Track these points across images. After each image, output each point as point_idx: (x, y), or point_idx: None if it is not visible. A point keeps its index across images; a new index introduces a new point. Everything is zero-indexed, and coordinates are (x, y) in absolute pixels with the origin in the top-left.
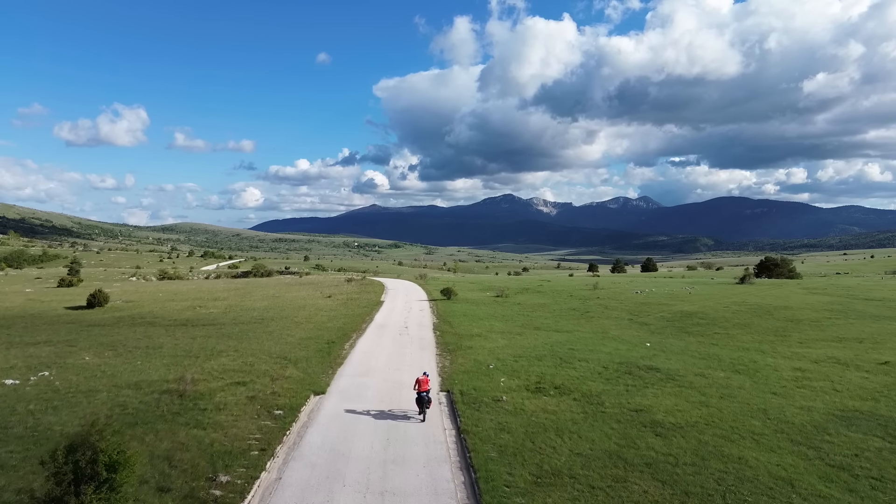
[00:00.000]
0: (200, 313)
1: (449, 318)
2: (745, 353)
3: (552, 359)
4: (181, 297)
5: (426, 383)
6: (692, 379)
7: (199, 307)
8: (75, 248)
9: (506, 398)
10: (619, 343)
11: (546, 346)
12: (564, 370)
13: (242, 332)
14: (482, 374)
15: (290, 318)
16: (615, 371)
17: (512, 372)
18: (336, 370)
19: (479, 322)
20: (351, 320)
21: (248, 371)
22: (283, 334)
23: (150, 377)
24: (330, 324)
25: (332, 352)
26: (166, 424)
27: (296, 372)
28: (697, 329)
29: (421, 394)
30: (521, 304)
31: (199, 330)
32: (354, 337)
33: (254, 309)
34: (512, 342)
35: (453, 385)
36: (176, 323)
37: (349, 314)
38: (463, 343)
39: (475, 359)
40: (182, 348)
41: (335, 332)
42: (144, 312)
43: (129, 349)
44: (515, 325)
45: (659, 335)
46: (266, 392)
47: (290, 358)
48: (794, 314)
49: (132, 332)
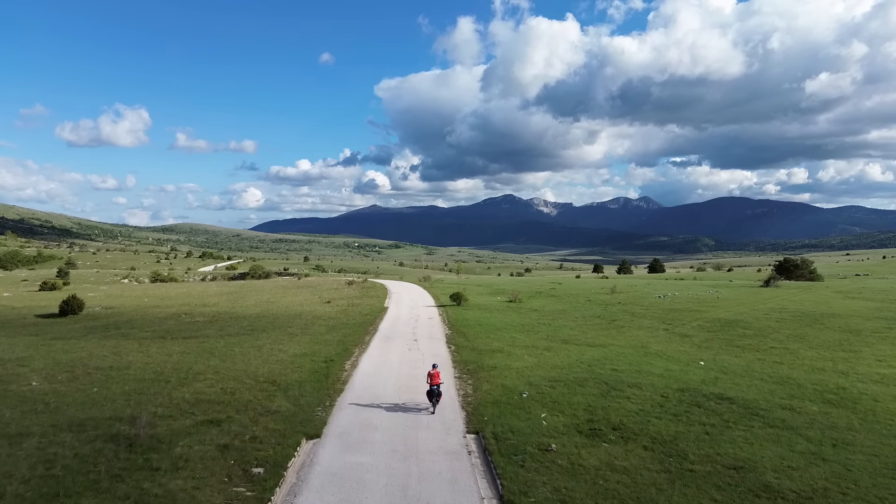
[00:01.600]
0: (184, 322)
1: (462, 328)
2: (823, 374)
3: (596, 384)
4: (168, 302)
5: (437, 376)
6: (781, 415)
7: (184, 314)
8: (73, 248)
9: (555, 446)
10: (666, 361)
11: (582, 365)
12: (616, 401)
13: (228, 348)
14: (516, 406)
15: (283, 329)
16: (679, 402)
17: (552, 404)
18: (335, 399)
19: (497, 334)
20: (352, 331)
21: (227, 402)
22: (274, 350)
23: (101, 412)
24: (329, 336)
25: (331, 373)
26: (96, 500)
27: (285, 403)
28: (748, 342)
29: (432, 387)
30: (539, 310)
31: (177, 344)
32: (357, 353)
33: (244, 317)
34: (541, 360)
35: (483, 424)
36: (154, 335)
37: (350, 323)
38: (484, 361)
39: (502, 384)
40: (153, 369)
41: (334, 347)
42: (122, 322)
43: (88, 370)
44: (539, 337)
45: (707, 349)
46: (245, 437)
47: (280, 383)
48: (847, 323)
49: (100, 347)
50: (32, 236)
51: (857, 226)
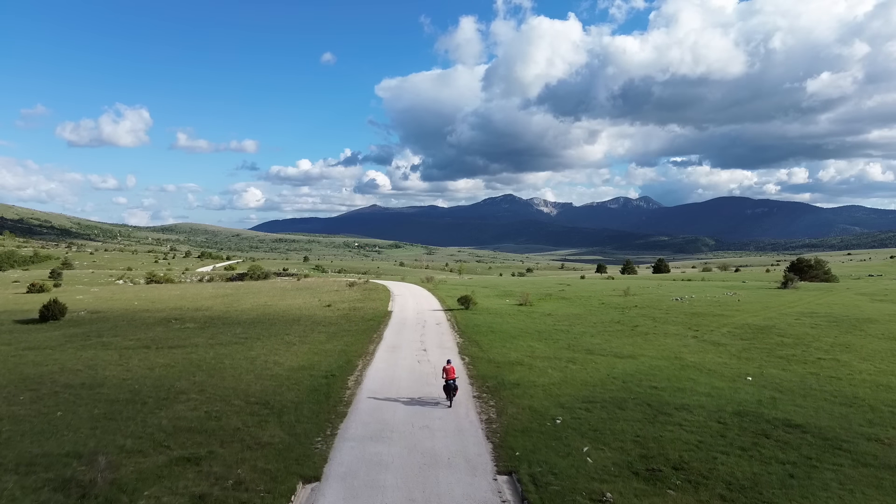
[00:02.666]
0: (173, 329)
1: (474, 335)
2: (892, 393)
3: (637, 405)
4: (159, 305)
5: (452, 371)
6: (868, 448)
7: (174, 320)
8: (71, 248)
9: (611, 496)
10: (708, 376)
11: (615, 381)
12: (667, 428)
13: (217, 360)
14: (550, 435)
15: (280, 337)
16: (741, 430)
17: (593, 432)
18: (337, 427)
19: (512, 342)
20: (355, 339)
21: (210, 431)
22: (268, 362)
23: (59, 446)
24: (329, 345)
25: (332, 392)
26: None
27: (279, 432)
28: (790, 353)
29: (448, 382)
30: (552, 314)
31: (162, 355)
32: (360, 365)
33: (239, 323)
34: (567, 375)
35: (516, 461)
36: (138, 344)
37: (352, 330)
38: (504, 376)
39: (530, 405)
40: (129, 387)
41: (336, 359)
42: (105, 328)
43: (56, 389)
44: (560, 346)
45: (748, 361)
46: (227, 482)
47: (274, 404)
48: (888, 329)
49: (75, 359)
50: (31, 236)
51: (858, 225)
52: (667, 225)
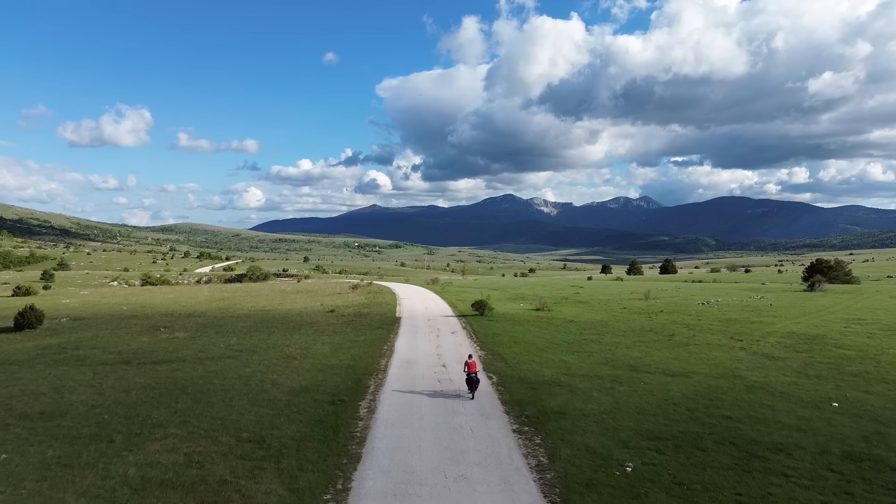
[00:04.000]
0: (159, 340)
1: (496, 346)
2: None
3: (718, 444)
4: (150, 310)
5: (474, 365)
6: None
7: (163, 328)
8: (69, 248)
9: None
10: (784, 401)
11: (677, 408)
12: (771, 481)
13: (206, 379)
14: (625, 492)
15: (279, 349)
16: (867, 483)
17: (678, 487)
18: (351, 476)
19: (541, 356)
20: (363, 351)
21: (188, 486)
22: (265, 381)
23: None
24: (335, 359)
25: (341, 424)
26: None
27: (276, 487)
28: (860, 368)
29: (470, 375)
30: (575, 321)
31: (143, 373)
32: (372, 386)
33: (233, 332)
34: (617, 399)
35: None
36: (117, 358)
37: (359, 340)
38: (543, 402)
39: (585, 444)
40: (97, 417)
41: (343, 377)
42: (84, 339)
43: (8, 421)
44: (596, 360)
45: (818, 380)
46: None
47: (271, 442)
48: None
49: (40, 380)
50: (30, 236)
51: (858, 225)
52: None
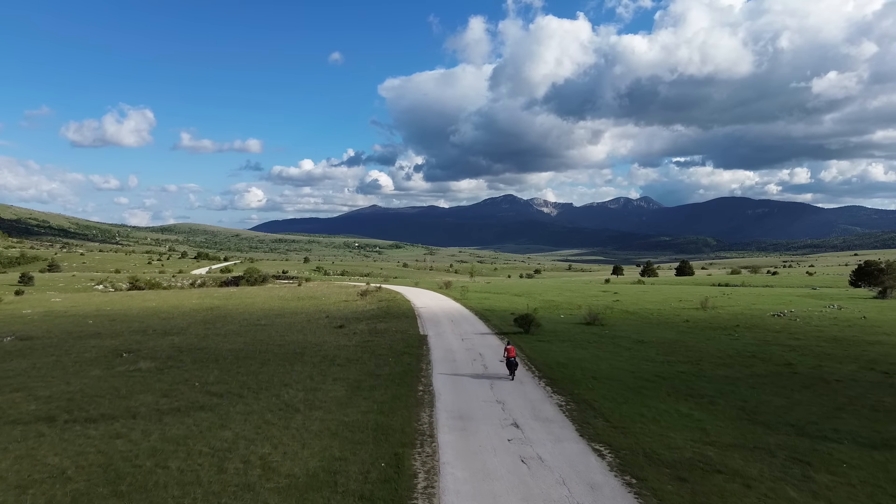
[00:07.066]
0: (113, 375)
1: (572, 387)
2: None
3: None
4: (121, 324)
5: (513, 351)
6: None
7: (127, 353)
8: (62, 249)
9: None
10: None
11: None
12: None
13: (158, 458)
14: None
15: (274, 391)
16: None
17: None
18: None
19: (646, 405)
20: (391, 395)
21: None
22: (251, 463)
23: None
24: (353, 410)
25: None
26: None
27: None
28: None
29: (510, 359)
30: (644, 341)
31: (66, 442)
32: (419, 469)
33: (217, 359)
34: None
35: None
36: (43, 412)
37: (383, 375)
38: None
39: None
40: None
41: (371, 451)
42: (17, 371)
43: None
44: (731, 415)
45: None
46: None
47: None
48: None
49: None
50: (28, 236)
51: (859, 226)
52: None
